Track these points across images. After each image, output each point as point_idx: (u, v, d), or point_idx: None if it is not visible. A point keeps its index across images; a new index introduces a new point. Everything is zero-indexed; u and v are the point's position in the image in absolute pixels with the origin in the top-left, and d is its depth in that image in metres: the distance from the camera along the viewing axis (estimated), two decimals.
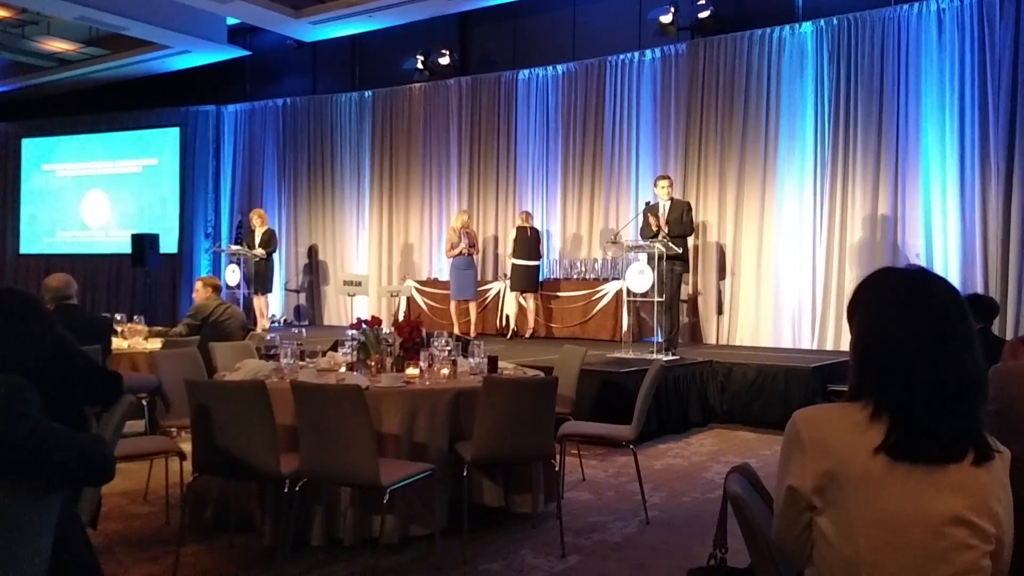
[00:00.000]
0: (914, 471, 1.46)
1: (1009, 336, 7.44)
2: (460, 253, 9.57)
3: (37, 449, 1.78)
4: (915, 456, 1.46)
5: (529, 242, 9.64)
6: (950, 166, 8.07)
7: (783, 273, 8.97)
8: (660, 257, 7.39)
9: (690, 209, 7.92)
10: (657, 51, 9.82)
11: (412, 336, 4.34)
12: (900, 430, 1.46)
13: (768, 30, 9.07)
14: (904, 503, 1.46)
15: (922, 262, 7.93)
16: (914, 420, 1.46)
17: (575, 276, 9.92)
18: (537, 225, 10.22)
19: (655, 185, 7.98)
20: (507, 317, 9.92)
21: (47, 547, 1.88)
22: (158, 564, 3.64)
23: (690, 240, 8.05)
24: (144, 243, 11.10)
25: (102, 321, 5.30)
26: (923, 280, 1.57)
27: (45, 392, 1.97)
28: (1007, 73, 7.75)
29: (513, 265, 9.72)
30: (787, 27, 8.99)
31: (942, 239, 8.13)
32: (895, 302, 1.54)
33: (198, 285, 6.46)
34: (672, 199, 7.81)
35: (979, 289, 7.60)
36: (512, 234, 9.86)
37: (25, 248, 14.34)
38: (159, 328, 6.55)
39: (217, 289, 6.38)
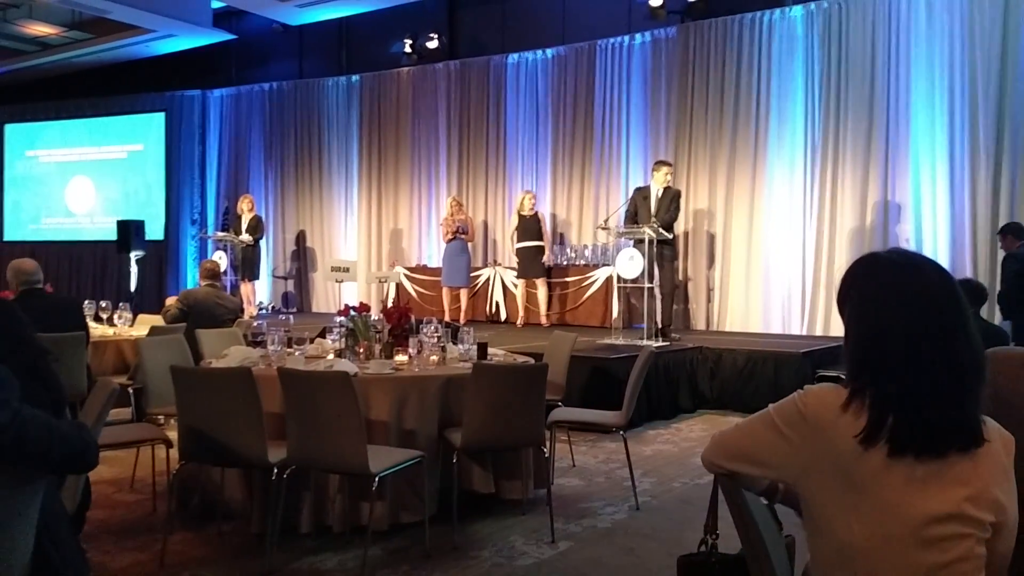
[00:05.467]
0: (912, 463, 1.43)
1: (997, 320, 7.47)
2: (450, 237, 9.45)
3: (19, 435, 1.75)
4: (916, 450, 1.44)
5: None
6: (939, 150, 8.07)
7: (773, 258, 8.96)
8: (650, 242, 7.35)
9: (679, 196, 7.82)
10: (647, 35, 9.76)
11: (401, 323, 4.33)
12: (900, 425, 1.44)
13: (758, 14, 9.02)
14: (903, 495, 1.44)
15: (911, 247, 7.94)
16: (914, 414, 1.44)
17: (565, 262, 9.86)
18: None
19: (654, 169, 7.84)
20: (496, 304, 9.87)
21: (29, 537, 1.85)
22: (145, 552, 3.62)
23: (679, 226, 7.98)
24: (130, 229, 11.02)
25: (71, 303, 5.25)
26: (912, 267, 1.53)
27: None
28: (996, 56, 7.75)
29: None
30: (777, 11, 8.95)
31: (931, 224, 8.14)
32: (886, 294, 1.51)
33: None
34: (667, 187, 7.71)
35: (968, 273, 7.62)
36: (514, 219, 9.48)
37: (9, 235, 14.18)
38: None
39: (211, 274, 6.12)
